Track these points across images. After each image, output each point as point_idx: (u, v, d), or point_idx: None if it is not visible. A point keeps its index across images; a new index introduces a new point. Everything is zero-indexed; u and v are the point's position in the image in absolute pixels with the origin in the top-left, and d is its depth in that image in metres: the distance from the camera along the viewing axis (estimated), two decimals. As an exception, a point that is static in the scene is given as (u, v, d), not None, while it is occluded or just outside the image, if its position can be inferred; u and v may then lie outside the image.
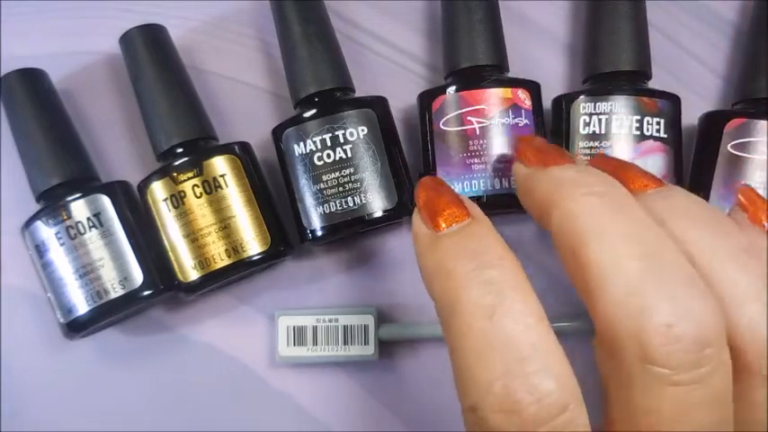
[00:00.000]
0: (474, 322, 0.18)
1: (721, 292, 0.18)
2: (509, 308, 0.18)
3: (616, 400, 0.18)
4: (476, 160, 0.30)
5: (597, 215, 0.19)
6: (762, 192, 0.29)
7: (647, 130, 0.30)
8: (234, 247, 0.29)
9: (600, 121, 0.30)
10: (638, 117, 0.30)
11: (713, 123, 0.30)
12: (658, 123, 0.30)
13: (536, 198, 0.21)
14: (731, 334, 0.18)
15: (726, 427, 0.18)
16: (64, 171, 0.30)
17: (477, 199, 0.30)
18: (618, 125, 0.30)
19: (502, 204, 0.30)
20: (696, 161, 0.31)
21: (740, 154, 0.29)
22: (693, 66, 0.35)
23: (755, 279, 0.18)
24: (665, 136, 0.30)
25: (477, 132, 0.30)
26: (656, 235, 0.18)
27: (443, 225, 0.20)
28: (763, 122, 0.29)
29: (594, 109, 0.30)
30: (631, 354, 0.17)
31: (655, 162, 0.30)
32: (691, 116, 0.32)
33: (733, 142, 0.29)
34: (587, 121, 0.30)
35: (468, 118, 0.30)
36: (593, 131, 0.30)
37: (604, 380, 0.19)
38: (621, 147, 0.29)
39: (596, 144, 0.30)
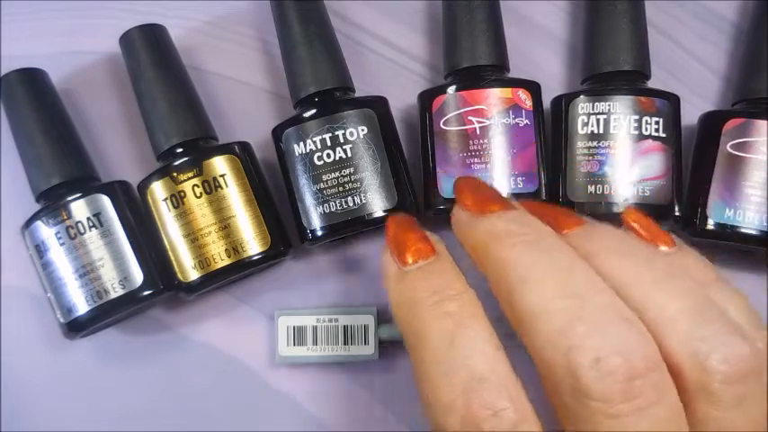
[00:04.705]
0: (436, 349, 0.19)
1: (651, 319, 0.19)
2: (468, 336, 0.19)
3: None
4: (476, 160, 0.30)
5: (526, 262, 0.20)
6: (762, 191, 0.29)
7: (646, 129, 0.30)
8: (234, 246, 0.29)
9: (598, 120, 0.30)
10: (637, 117, 0.30)
11: (712, 123, 0.30)
12: (657, 123, 0.30)
13: (471, 244, 0.22)
14: (668, 357, 0.19)
15: None
16: (64, 171, 0.30)
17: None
18: (616, 125, 0.30)
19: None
20: (695, 161, 0.31)
21: (739, 154, 0.29)
22: (694, 66, 0.35)
23: (679, 299, 0.19)
24: (664, 135, 0.30)
25: (478, 132, 0.30)
26: (583, 273, 0.19)
27: (410, 261, 0.22)
28: (762, 122, 0.29)
29: (593, 109, 0.30)
30: (569, 390, 0.18)
31: (653, 161, 0.30)
32: (691, 116, 0.32)
33: (732, 142, 0.29)
34: (585, 120, 0.30)
35: (469, 118, 0.30)
36: (592, 131, 0.30)
37: (557, 414, 0.20)
38: (620, 146, 0.29)
39: (595, 144, 0.30)
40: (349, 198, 0.29)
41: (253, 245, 0.29)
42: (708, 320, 0.19)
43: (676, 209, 0.30)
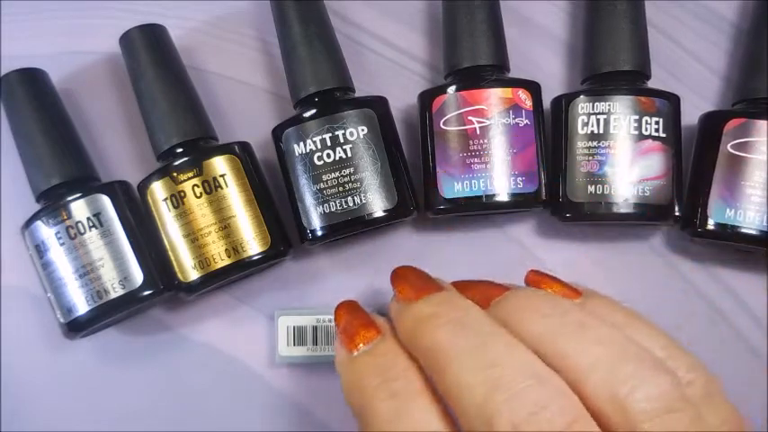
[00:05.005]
0: (384, 426, 0.20)
1: (569, 369, 0.19)
2: (413, 412, 0.20)
3: None
4: (476, 160, 0.30)
5: (449, 342, 0.20)
6: (762, 191, 0.29)
7: (646, 129, 0.30)
8: (234, 246, 0.29)
9: (598, 120, 0.30)
10: (637, 117, 0.30)
11: (713, 123, 0.30)
12: (657, 123, 0.30)
13: (403, 334, 0.22)
14: (589, 404, 0.19)
15: None
16: (64, 171, 0.30)
17: (476, 199, 0.30)
18: (616, 125, 0.30)
19: (501, 205, 0.30)
20: (696, 161, 0.31)
21: (740, 154, 0.29)
22: (694, 66, 0.35)
23: (595, 346, 0.19)
24: (664, 135, 0.30)
25: (478, 132, 0.30)
26: (502, 342, 0.20)
27: (360, 345, 0.23)
28: (762, 122, 0.29)
29: (593, 109, 0.30)
30: None
31: (653, 161, 0.30)
32: (691, 116, 0.32)
33: (733, 142, 0.29)
34: (585, 120, 0.30)
35: (469, 118, 0.30)
36: (592, 131, 0.30)
37: None
38: (620, 146, 0.29)
39: (595, 144, 0.30)
40: (349, 198, 0.29)
41: (253, 245, 0.29)
42: (625, 361, 0.19)
43: (676, 209, 0.30)
